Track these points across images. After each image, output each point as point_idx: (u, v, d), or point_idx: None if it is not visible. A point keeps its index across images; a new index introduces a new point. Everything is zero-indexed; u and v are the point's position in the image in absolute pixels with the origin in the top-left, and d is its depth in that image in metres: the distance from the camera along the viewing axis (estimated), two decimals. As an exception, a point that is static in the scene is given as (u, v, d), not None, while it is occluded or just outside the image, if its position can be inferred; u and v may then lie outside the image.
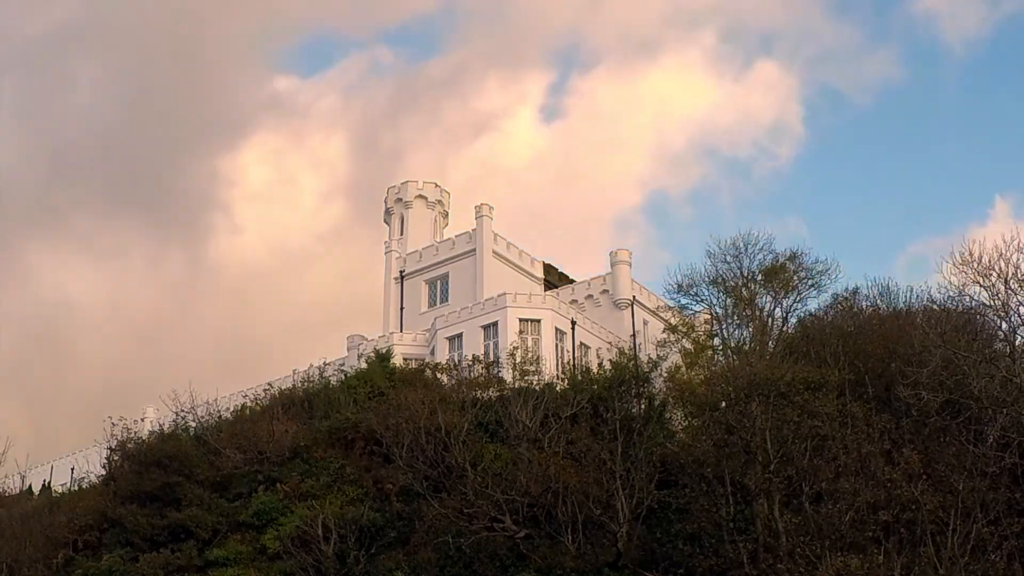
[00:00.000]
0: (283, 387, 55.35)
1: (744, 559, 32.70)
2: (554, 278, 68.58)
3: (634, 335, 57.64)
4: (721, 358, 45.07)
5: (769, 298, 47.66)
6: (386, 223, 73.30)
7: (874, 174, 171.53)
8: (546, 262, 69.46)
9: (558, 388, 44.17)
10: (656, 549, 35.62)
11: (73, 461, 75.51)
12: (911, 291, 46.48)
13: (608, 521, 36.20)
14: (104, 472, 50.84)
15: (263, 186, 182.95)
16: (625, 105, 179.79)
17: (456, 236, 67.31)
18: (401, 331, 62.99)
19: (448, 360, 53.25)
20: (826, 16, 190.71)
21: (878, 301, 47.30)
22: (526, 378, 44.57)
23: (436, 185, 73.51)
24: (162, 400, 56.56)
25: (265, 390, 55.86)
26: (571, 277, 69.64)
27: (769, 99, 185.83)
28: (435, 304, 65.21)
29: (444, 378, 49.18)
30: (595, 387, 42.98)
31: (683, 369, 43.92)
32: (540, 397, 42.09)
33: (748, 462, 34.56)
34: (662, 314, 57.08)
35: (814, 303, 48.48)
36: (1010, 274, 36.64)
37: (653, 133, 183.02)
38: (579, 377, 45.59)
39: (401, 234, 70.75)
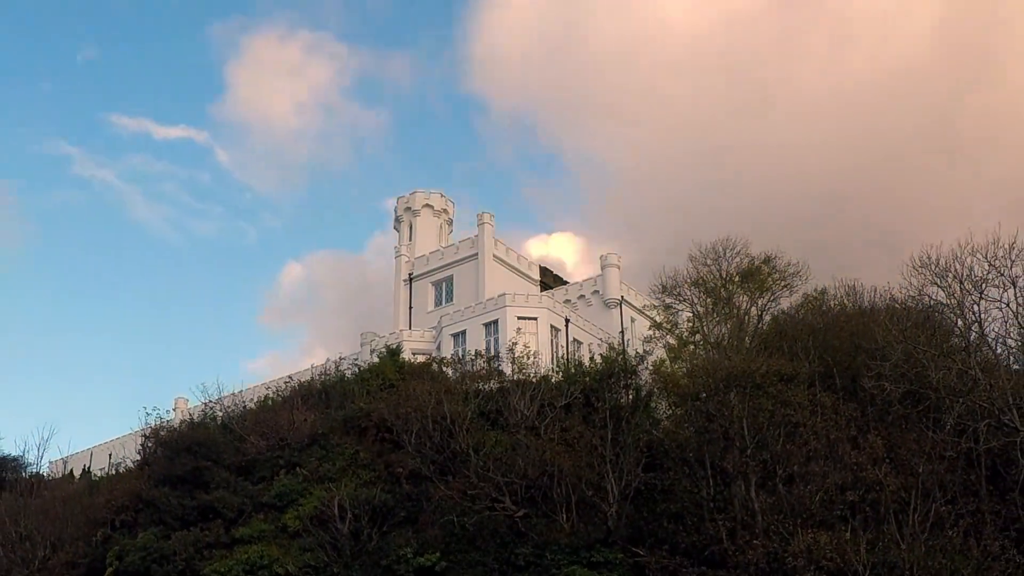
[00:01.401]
0: (302, 380, 55.31)
1: (723, 536, 32.66)
2: (549, 280, 68.64)
3: (623, 332, 57.60)
4: (702, 352, 45.03)
5: (746, 298, 47.70)
6: (396, 230, 73.33)
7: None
8: (542, 265, 69.54)
9: (553, 380, 44.05)
10: (643, 527, 35.57)
11: (111, 447, 75.50)
12: (875, 291, 46.52)
13: (599, 501, 36.15)
14: (139, 457, 50.75)
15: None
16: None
17: (460, 242, 67.34)
18: (410, 328, 63.01)
19: (453, 355, 53.17)
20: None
21: (845, 300, 47.29)
22: (524, 371, 44.48)
23: (441, 195, 73.63)
24: (192, 391, 56.84)
25: (286, 382, 55.83)
26: (565, 279, 69.68)
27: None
28: (441, 304, 65.25)
29: (449, 371, 49.12)
30: (587, 379, 42.89)
31: (667, 363, 43.81)
32: (537, 388, 42.02)
33: (727, 447, 34.53)
34: (648, 312, 57.04)
35: (786, 302, 48.61)
36: (964, 276, 36.73)
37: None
38: (572, 370, 45.46)
39: (410, 240, 70.88)
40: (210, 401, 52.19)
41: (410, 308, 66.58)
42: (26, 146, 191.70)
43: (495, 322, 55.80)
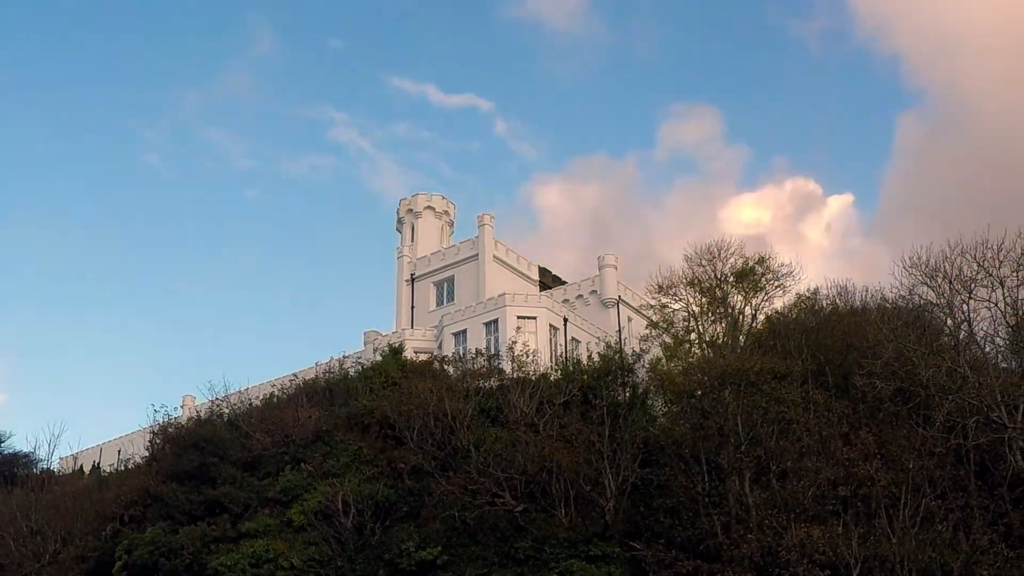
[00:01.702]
0: (307, 378, 55.33)
1: (718, 530, 32.74)
2: (548, 280, 68.66)
3: (620, 330, 57.72)
4: (697, 351, 45.08)
5: (740, 297, 47.78)
6: (398, 231, 73.35)
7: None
8: (541, 265, 69.56)
9: (552, 378, 44.09)
10: (640, 521, 35.63)
11: (120, 444, 75.57)
12: (866, 291, 46.65)
13: (597, 497, 36.20)
14: (147, 454, 50.74)
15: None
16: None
17: (461, 243, 67.40)
18: (412, 328, 63.09)
19: (454, 353, 53.23)
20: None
21: (837, 300, 47.40)
22: (523, 369, 44.52)
23: (443, 197, 73.75)
24: (199, 389, 56.87)
25: (291, 380, 55.83)
26: (563, 279, 69.72)
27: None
28: (442, 303, 65.34)
29: (450, 369, 49.15)
30: (585, 377, 42.93)
31: (663, 361, 43.89)
32: (536, 386, 42.04)
33: (721, 444, 34.58)
34: (645, 312, 57.06)
35: (780, 302, 48.67)
36: (954, 276, 36.80)
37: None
38: (571, 368, 45.50)
39: (412, 241, 70.93)
40: (217, 399, 52.21)
41: (412, 308, 66.68)
42: (286, 109, 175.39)
43: (495, 321, 55.87)
